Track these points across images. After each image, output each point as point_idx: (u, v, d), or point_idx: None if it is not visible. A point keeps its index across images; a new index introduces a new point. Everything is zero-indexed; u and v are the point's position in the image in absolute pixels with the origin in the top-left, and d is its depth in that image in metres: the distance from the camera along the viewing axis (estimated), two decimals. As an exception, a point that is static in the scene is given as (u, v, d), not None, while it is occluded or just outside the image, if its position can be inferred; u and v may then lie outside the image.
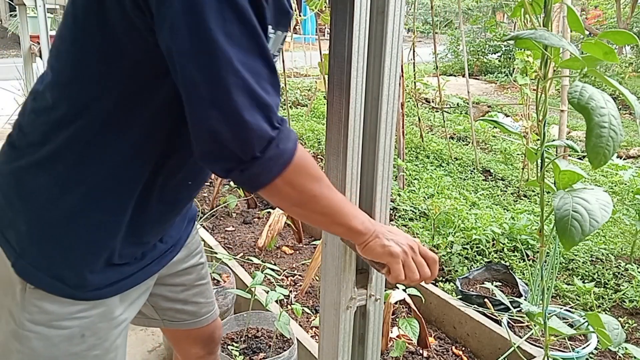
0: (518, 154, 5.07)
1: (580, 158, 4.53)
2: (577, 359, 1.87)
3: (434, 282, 2.67)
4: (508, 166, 4.81)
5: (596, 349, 2.06)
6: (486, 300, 2.14)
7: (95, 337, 0.94)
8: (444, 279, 2.72)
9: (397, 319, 2.09)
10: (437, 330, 2.31)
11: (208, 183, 3.62)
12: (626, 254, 2.99)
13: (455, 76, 9.88)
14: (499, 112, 6.99)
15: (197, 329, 1.30)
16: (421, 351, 2.10)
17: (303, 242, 3.07)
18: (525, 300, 2.30)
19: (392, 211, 3.50)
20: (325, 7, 3.42)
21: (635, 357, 1.92)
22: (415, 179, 4.20)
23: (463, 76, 6.83)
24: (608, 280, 2.70)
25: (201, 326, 1.30)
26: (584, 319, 1.69)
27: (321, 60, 3.66)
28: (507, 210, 3.65)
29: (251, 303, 1.97)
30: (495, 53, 11.28)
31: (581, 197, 0.90)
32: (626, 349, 1.87)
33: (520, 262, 2.84)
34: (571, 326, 1.96)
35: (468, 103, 5.20)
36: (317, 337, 1.69)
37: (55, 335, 0.91)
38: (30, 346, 0.90)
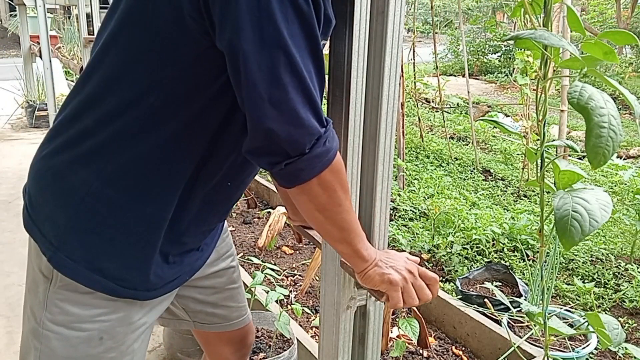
0: (518, 154, 5.07)
1: (580, 158, 4.53)
2: (577, 359, 1.87)
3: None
4: (508, 166, 4.81)
5: (596, 349, 2.06)
6: (486, 300, 2.14)
7: (112, 341, 0.94)
8: (444, 279, 2.72)
9: (397, 319, 2.09)
10: (437, 330, 2.31)
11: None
12: (626, 254, 2.99)
13: (455, 76, 9.88)
14: (499, 112, 6.99)
15: (229, 332, 1.29)
16: (421, 351, 2.10)
17: (303, 242, 3.07)
18: (525, 300, 2.30)
19: (392, 211, 3.50)
20: None
21: (635, 357, 1.92)
22: (415, 179, 4.20)
23: (463, 76, 6.83)
24: (608, 280, 2.70)
25: (232, 329, 1.28)
26: (584, 319, 1.69)
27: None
28: (507, 210, 3.65)
29: (251, 303, 1.97)
30: (495, 53, 11.27)
31: (581, 197, 0.89)
32: (626, 349, 1.87)
33: (520, 262, 2.84)
34: (571, 326, 1.96)
35: (468, 103, 5.20)
36: (317, 337, 1.70)
37: (74, 336, 0.91)
38: (49, 345, 0.91)
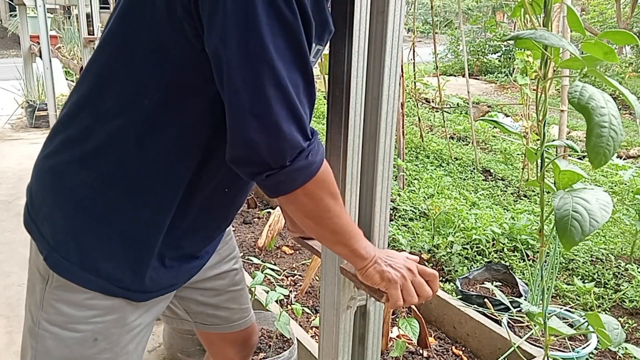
0: (518, 154, 5.07)
1: (580, 158, 4.53)
2: (577, 359, 1.87)
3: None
4: (508, 166, 4.81)
5: (596, 349, 2.06)
6: (486, 300, 2.14)
7: (106, 342, 0.94)
8: (444, 279, 2.72)
9: (397, 319, 2.09)
10: (437, 330, 2.31)
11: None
12: (626, 254, 2.99)
13: (455, 76, 9.88)
14: (499, 112, 6.99)
15: (232, 333, 1.28)
16: (421, 351, 2.10)
17: (303, 242, 3.07)
18: (525, 300, 2.30)
19: (392, 211, 3.50)
20: None
21: (635, 357, 1.92)
22: (415, 179, 4.20)
23: (463, 76, 6.83)
24: (608, 280, 2.70)
25: (234, 331, 1.28)
26: (584, 319, 1.69)
27: (321, 60, 3.66)
28: (507, 210, 3.65)
29: (251, 303, 1.97)
30: (495, 53, 11.27)
31: (581, 197, 0.89)
32: (626, 349, 1.87)
33: (520, 262, 2.84)
34: (571, 326, 1.96)
35: (468, 103, 5.20)
36: (317, 337, 1.69)
37: (69, 337, 0.92)
38: (44, 345, 0.92)
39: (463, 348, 2.19)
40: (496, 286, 2.18)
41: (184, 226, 0.96)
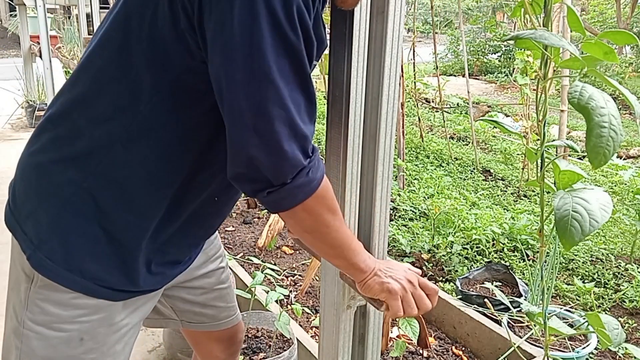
0: (518, 154, 5.07)
1: (580, 158, 4.54)
2: (577, 359, 1.87)
3: (434, 283, 2.67)
4: (508, 166, 4.81)
5: (596, 349, 2.06)
6: (486, 300, 2.14)
7: (93, 341, 0.94)
8: (444, 279, 2.72)
9: (397, 319, 2.09)
10: (437, 330, 2.31)
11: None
12: (626, 254, 2.99)
13: (455, 76, 9.88)
14: (499, 112, 6.99)
15: (217, 332, 1.29)
16: (421, 351, 2.10)
17: (303, 242, 3.07)
18: (525, 300, 2.30)
19: (392, 211, 3.50)
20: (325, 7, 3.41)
21: (635, 357, 1.92)
22: (415, 179, 4.20)
23: (463, 76, 6.83)
24: (608, 280, 2.70)
25: (220, 329, 1.29)
26: (584, 319, 1.69)
27: (321, 60, 3.66)
28: (507, 210, 3.65)
29: (251, 303, 1.97)
30: (495, 53, 11.26)
31: (581, 197, 0.90)
32: (626, 349, 1.87)
33: (520, 262, 2.84)
34: (571, 326, 1.96)
35: (468, 103, 5.20)
36: (317, 337, 1.69)
37: (54, 336, 0.91)
38: (29, 345, 0.91)
39: (463, 348, 2.19)
40: (496, 286, 2.18)
41: (171, 232, 0.96)
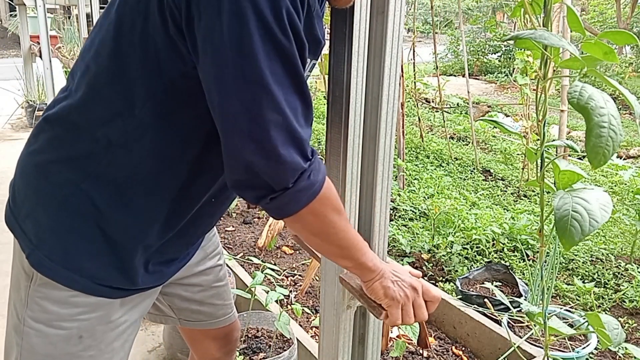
0: (518, 154, 5.07)
1: (580, 158, 4.53)
2: (577, 359, 1.87)
3: (434, 283, 2.67)
4: (508, 166, 4.81)
5: (596, 349, 2.06)
6: (486, 300, 2.14)
7: (92, 339, 0.95)
8: (444, 279, 2.72)
9: (397, 319, 2.08)
10: (437, 330, 2.31)
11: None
12: (626, 254, 2.99)
13: (455, 76, 9.88)
14: (499, 112, 6.99)
15: (214, 330, 1.29)
16: (421, 351, 2.10)
17: (303, 242, 3.07)
18: (525, 300, 2.30)
19: (392, 211, 3.50)
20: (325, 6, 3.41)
21: (635, 357, 1.92)
22: (415, 179, 4.20)
23: (463, 76, 6.83)
24: (608, 280, 2.70)
25: (218, 327, 1.29)
26: (584, 319, 1.69)
27: (321, 60, 3.66)
28: (507, 210, 3.65)
29: (251, 303, 1.97)
30: (495, 53, 11.27)
31: (581, 197, 0.90)
32: (626, 349, 1.87)
33: (520, 262, 2.84)
34: (571, 326, 1.96)
35: (468, 103, 5.20)
36: (317, 337, 1.69)
37: (54, 334, 0.92)
38: (29, 342, 0.92)
39: (463, 348, 2.19)
40: (496, 286, 2.18)
41: (170, 235, 0.97)
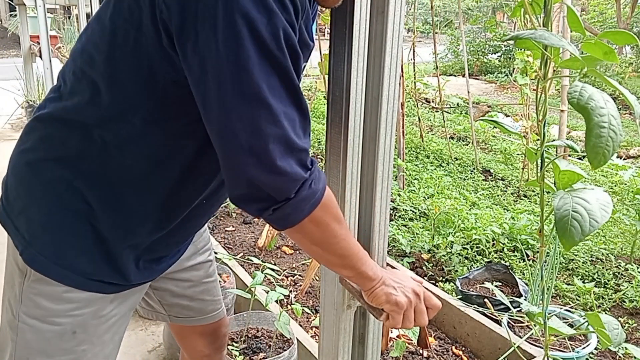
0: (518, 154, 5.07)
1: (580, 158, 4.53)
2: (577, 359, 1.87)
3: (434, 282, 2.67)
4: (508, 166, 4.81)
5: (596, 349, 2.06)
6: (486, 300, 2.14)
7: (85, 334, 0.96)
8: (444, 279, 2.72)
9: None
10: (437, 330, 2.31)
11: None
12: (626, 254, 2.99)
13: (455, 76, 9.88)
14: (499, 112, 6.99)
15: (202, 326, 1.31)
16: (421, 351, 2.10)
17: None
18: (525, 300, 2.30)
19: (392, 211, 3.50)
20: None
21: (635, 357, 1.92)
22: (415, 179, 4.20)
23: (463, 76, 6.83)
24: (608, 280, 2.70)
25: (207, 323, 1.30)
26: (584, 319, 1.69)
27: (321, 60, 3.66)
28: (507, 210, 3.65)
29: (251, 303, 1.97)
30: (495, 53, 11.27)
31: (581, 197, 0.89)
32: (626, 349, 1.87)
33: (520, 262, 2.84)
34: (571, 326, 1.96)
35: (468, 103, 5.20)
36: (317, 337, 1.69)
37: (47, 330, 0.93)
38: (24, 337, 0.93)
39: (463, 348, 2.19)
40: (496, 286, 2.19)
41: (160, 235, 0.98)
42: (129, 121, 0.85)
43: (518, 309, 2.01)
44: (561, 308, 2.24)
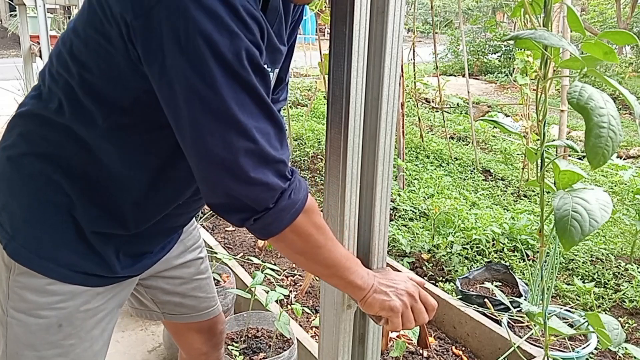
0: (518, 154, 5.07)
1: (580, 158, 4.53)
2: (577, 359, 1.87)
3: (434, 282, 2.67)
4: (508, 166, 4.81)
5: (596, 349, 2.06)
6: (486, 300, 2.14)
7: (71, 327, 0.97)
8: (444, 279, 2.72)
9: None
10: (437, 330, 2.31)
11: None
12: (626, 254, 2.99)
13: (455, 76, 9.88)
14: (499, 112, 6.99)
15: (197, 323, 1.31)
16: (421, 351, 2.10)
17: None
18: (525, 300, 2.30)
19: (392, 211, 3.50)
20: (325, 7, 3.42)
21: (635, 357, 1.92)
22: (415, 179, 4.20)
23: (463, 76, 6.83)
24: (608, 280, 2.70)
25: (202, 320, 1.31)
26: (584, 319, 1.69)
27: (321, 60, 3.66)
28: (507, 210, 3.65)
29: (251, 303, 1.97)
30: (495, 53, 11.27)
31: (581, 197, 0.89)
32: (626, 349, 1.87)
33: (520, 262, 2.84)
34: (571, 326, 1.96)
35: (468, 103, 5.20)
36: (317, 337, 1.69)
37: (33, 323, 0.94)
38: (12, 332, 0.95)
39: (463, 348, 2.19)
40: (496, 286, 2.19)
41: (139, 229, 0.99)
42: (99, 126, 0.87)
43: (518, 309, 2.01)
44: (561, 308, 2.24)
